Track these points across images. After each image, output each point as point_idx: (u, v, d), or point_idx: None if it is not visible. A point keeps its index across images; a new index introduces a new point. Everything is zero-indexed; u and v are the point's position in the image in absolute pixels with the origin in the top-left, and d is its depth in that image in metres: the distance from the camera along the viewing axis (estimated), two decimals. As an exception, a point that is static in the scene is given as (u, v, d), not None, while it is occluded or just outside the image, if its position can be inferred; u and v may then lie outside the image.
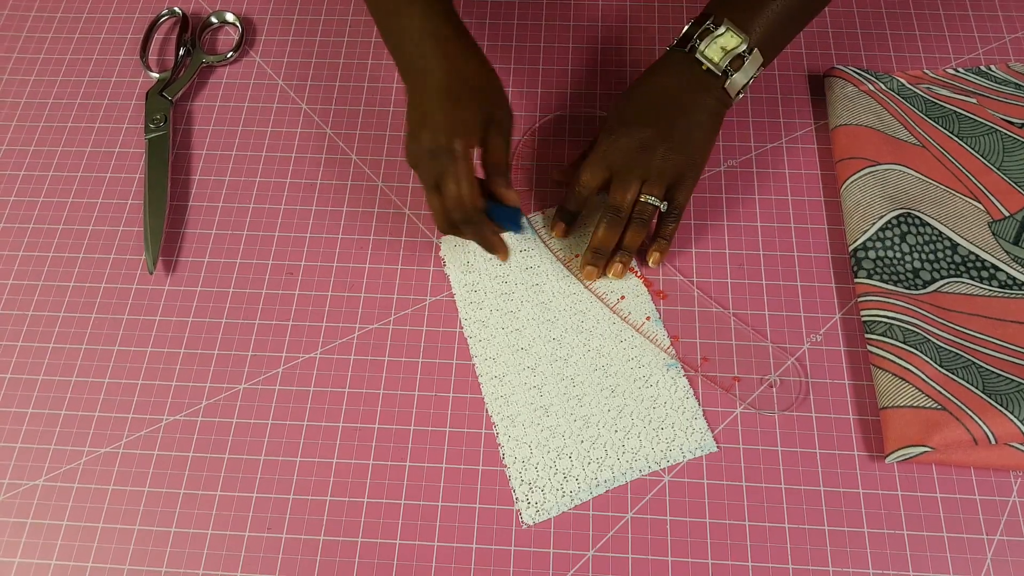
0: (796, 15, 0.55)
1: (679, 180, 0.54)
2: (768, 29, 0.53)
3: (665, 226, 0.55)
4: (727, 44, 0.52)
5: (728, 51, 0.52)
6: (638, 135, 0.53)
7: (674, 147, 0.53)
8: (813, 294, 0.56)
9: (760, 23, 0.53)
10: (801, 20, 0.56)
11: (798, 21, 0.55)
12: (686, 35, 0.54)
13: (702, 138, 0.54)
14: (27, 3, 0.71)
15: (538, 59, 0.66)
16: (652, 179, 0.53)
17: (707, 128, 0.54)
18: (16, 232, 0.60)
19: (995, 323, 0.53)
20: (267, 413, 0.53)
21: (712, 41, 0.53)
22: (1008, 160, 0.58)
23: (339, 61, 0.67)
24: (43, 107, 0.66)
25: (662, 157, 0.53)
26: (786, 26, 0.54)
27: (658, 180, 0.53)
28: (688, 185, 0.54)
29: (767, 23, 0.53)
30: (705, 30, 0.53)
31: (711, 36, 0.53)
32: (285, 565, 0.49)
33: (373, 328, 0.56)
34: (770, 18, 0.53)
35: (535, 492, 0.50)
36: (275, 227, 0.60)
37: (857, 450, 0.51)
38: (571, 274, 0.56)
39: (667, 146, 0.53)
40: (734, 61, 0.53)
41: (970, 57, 0.64)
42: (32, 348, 0.56)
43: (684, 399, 0.52)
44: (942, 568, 0.47)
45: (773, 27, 0.53)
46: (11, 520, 0.51)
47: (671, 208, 0.54)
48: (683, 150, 0.53)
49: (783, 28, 0.54)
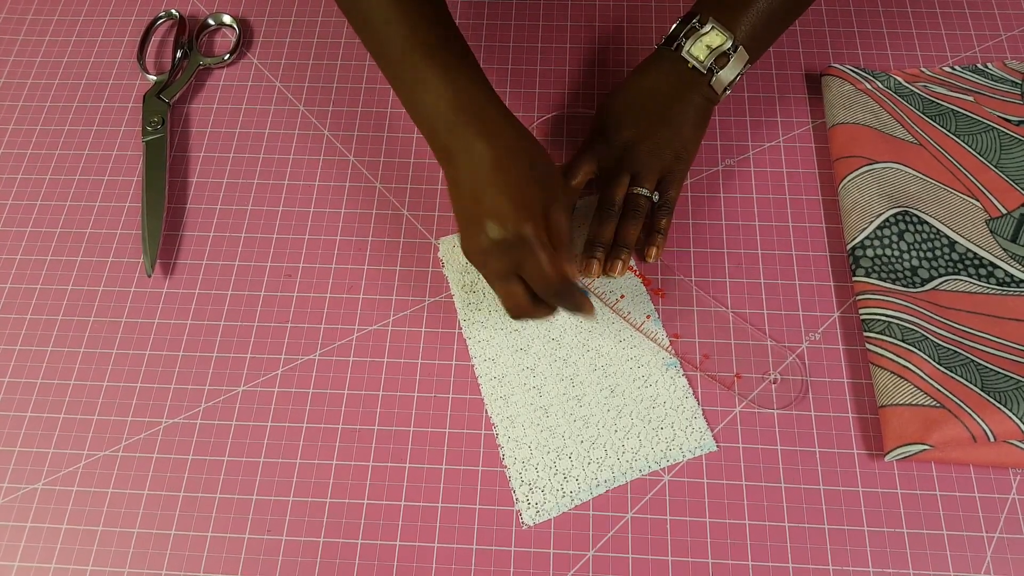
0: (781, 13, 0.55)
1: (668, 174, 0.54)
2: (753, 27, 0.54)
3: (658, 220, 0.55)
4: (712, 42, 0.53)
5: (713, 49, 0.53)
6: (625, 132, 0.54)
7: (661, 142, 0.53)
8: (811, 293, 0.56)
9: (745, 21, 0.53)
10: (786, 18, 0.56)
11: (783, 19, 0.56)
12: (673, 34, 0.55)
13: (690, 133, 0.54)
14: (24, 6, 0.71)
15: (536, 60, 0.66)
16: (641, 173, 0.54)
17: (694, 123, 0.54)
18: (14, 235, 0.60)
19: (993, 321, 0.53)
20: (266, 415, 0.53)
21: (697, 39, 0.53)
22: (1005, 158, 0.58)
23: (336, 63, 0.67)
24: (40, 110, 0.66)
25: (649, 153, 0.53)
26: (771, 24, 0.55)
27: (647, 174, 0.54)
28: (678, 179, 0.55)
29: (752, 21, 0.53)
30: (691, 29, 0.54)
31: (697, 34, 0.53)
32: (285, 567, 0.49)
33: (372, 329, 0.56)
34: (755, 16, 0.53)
35: (535, 493, 0.50)
36: (273, 229, 0.60)
37: (856, 448, 0.51)
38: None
39: (654, 141, 0.53)
40: (719, 59, 0.53)
41: (967, 55, 0.65)
42: (31, 351, 0.56)
43: (683, 399, 0.52)
44: (942, 566, 0.47)
45: (758, 25, 0.54)
46: (10, 524, 0.51)
47: (663, 202, 0.55)
48: (670, 145, 0.54)
49: (768, 26, 0.55)
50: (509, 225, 0.44)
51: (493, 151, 0.45)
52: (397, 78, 0.49)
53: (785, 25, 0.57)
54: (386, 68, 0.50)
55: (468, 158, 0.46)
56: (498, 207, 0.44)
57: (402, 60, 0.48)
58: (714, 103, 0.56)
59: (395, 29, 0.48)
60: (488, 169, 0.45)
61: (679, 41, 0.54)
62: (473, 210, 0.45)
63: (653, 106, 0.54)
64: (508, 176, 0.45)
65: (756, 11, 0.53)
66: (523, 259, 0.45)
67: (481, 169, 0.45)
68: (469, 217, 0.46)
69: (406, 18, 0.48)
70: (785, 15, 0.56)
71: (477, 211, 0.45)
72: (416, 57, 0.47)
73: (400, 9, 0.48)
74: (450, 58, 0.48)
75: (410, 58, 0.47)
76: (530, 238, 0.44)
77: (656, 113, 0.54)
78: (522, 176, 0.45)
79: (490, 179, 0.45)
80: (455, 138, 0.46)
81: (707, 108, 0.55)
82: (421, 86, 0.47)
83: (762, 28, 0.54)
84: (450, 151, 0.47)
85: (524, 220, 0.44)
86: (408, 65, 0.47)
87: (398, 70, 0.48)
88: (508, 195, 0.44)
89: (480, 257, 0.46)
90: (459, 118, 0.46)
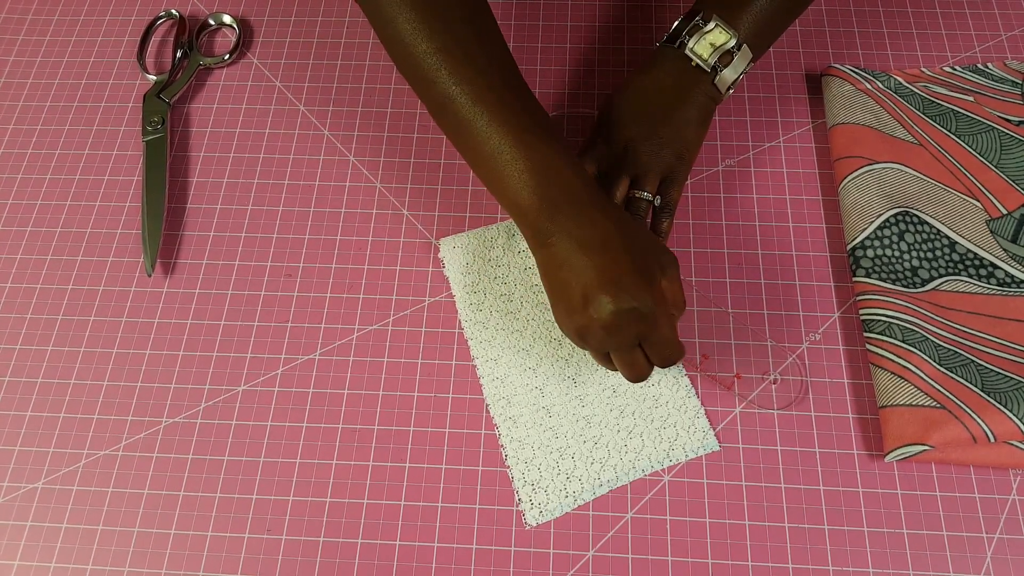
0: (783, 10, 0.55)
1: (670, 176, 0.54)
2: (757, 25, 0.53)
3: (660, 222, 0.55)
4: (716, 40, 0.52)
5: (717, 47, 0.52)
6: (627, 132, 0.53)
7: (663, 143, 0.53)
8: (811, 293, 0.56)
9: (749, 18, 0.53)
10: (788, 16, 0.56)
11: (785, 16, 0.55)
12: (675, 31, 0.55)
13: (692, 134, 0.54)
14: (24, 6, 0.71)
15: (536, 59, 0.66)
16: (642, 175, 0.53)
17: (696, 123, 0.54)
18: (14, 235, 0.60)
19: (994, 321, 0.53)
20: (266, 415, 0.53)
21: (701, 37, 0.53)
22: (1006, 158, 0.58)
23: (336, 62, 0.67)
24: (40, 110, 0.66)
25: (650, 153, 0.53)
26: (775, 21, 0.55)
27: (648, 176, 0.53)
28: (679, 180, 0.54)
29: (755, 18, 0.53)
30: (694, 26, 0.53)
31: (700, 32, 0.53)
32: (285, 567, 0.49)
33: (372, 329, 0.56)
34: (758, 13, 0.53)
35: (538, 493, 0.50)
36: (273, 228, 0.60)
37: (856, 449, 0.51)
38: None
39: (656, 142, 0.53)
40: (723, 57, 0.53)
41: (967, 55, 0.65)
42: (31, 351, 0.56)
43: (686, 398, 0.52)
44: (942, 566, 0.47)
45: (762, 22, 0.53)
46: (10, 523, 0.51)
47: (664, 204, 0.54)
48: (672, 145, 0.53)
49: (772, 23, 0.54)
50: (635, 296, 0.43)
51: (595, 229, 0.44)
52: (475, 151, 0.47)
53: (787, 23, 0.56)
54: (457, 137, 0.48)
55: (567, 239, 0.45)
56: (619, 279, 0.43)
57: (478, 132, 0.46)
58: (717, 102, 0.55)
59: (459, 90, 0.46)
60: (599, 246, 0.44)
61: (682, 39, 0.54)
62: (587, 285, 0.44)
63: (654, 105, 0.53)
64: (619, 250, 0.44)
65: (759, 8, 0.53)
66: (648, 329, 0.44)
67: (590, 246, 0.44)
68: (580, 293, 0.44)
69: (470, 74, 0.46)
70: (787, 13, 0.55)
71: (591, 285, 0.44)
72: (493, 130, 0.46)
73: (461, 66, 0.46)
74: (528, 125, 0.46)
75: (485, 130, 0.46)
76: (654, 308, 0.44)
77: (657, 113, 0.53)
78: (635, 247, 0.45)
79: (601, 254, 0.44)
80: (551, 223, 0.45)
81: (709, 107, 0.55)
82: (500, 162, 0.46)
83: (765, 25, 0.54)
84: (544, 234, 0.45)
85: (647, 290, 0.43)
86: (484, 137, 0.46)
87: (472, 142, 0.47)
88: (629, 267, 0.44)
89: (601, 332, 0.44)
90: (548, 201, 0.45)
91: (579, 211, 0.45)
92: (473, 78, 0.46)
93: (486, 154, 0.46)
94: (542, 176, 0.45)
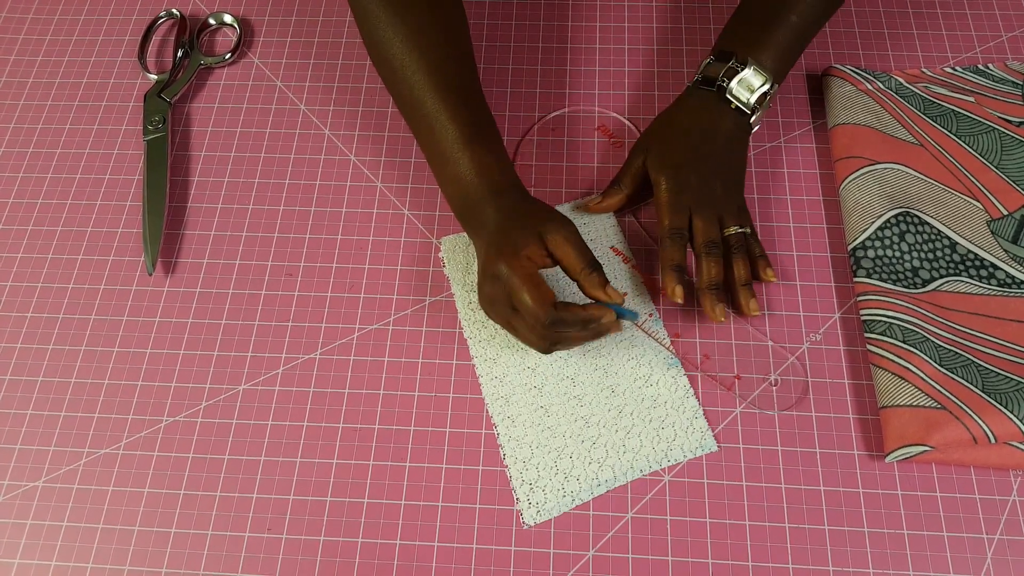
0: (805, 39, 0.58)
1: (740, 209, 0.55)
2: (784, 63, 0.57)
3: (754, 247, 0.55)
4: (753, 84, 0.55)
5: (755, 90, 0.55)
6: (696, 174, 0.55)
7: (729, 183, 0.55)
8: (812, 293, 0.56)
9: (778, 57, 0.56)
10: (808, 42, 0.59)
11: (805, 43, 0.59)
12: (709, 73, 0.57)
13: (741, 167, 0.57)
14: (25, 5, 0.71)
15: (536, 59, 0.66)
16: (725, 211, 0.54)
17: (743, 157, 0.57)
18: (15, 234, 0.60)
19: (994, 322, 0.53)
20: (267, 414, 0.53)
21: (739, 80, 0.55)
22: (1006, 159, 0.58)
23: (337, 62, 0.67)
24: (41, 109, 0.66)
25: (725, 190, 0.55)
26: (797, 51, 0.58)
27: (731, 212, 0.54)
28: (746, 211, 0.56)
29: (784, 55, 0.57)
30: (731, 69, 0.56)
31: (738, 77, 0.55)
32: (285, 566, 0.49)
33: (373, 328, 0.56)
34: (785, 51, 0.57)
35: (536, 492, 0.50)
36: (274, 228, 0.60)
37: (857, 449, 0.51)
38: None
39: (722, 180, 0.55)
40: (760, 99, 0.56)
41: (968, 56, 0.65)
42: (32, 349, 0.56)
43: (684, 398, 0.52)
44: (942, 567, 0.47)
45: (789, 58, 0.57)
46: (11, 521, 0.51)
47: (752, 231, 0.56)
48: (735, 181, 0.56)
49: (795, 54, 0.58)
50: (492, 267, 0.48)
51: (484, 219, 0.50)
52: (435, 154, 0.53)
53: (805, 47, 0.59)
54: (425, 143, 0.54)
55: (473, 235, 0.52)
56: (486, 258, 0.49)
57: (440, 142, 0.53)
58: (749, 134, 0.58)
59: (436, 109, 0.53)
60: (484, 236, 0.50)
61: (720, 81, 0.56)
62: (480, 271, 0.50)
63: (711, 146, 0.55)
64: (493, 232, 0.49)
65: (785, 46, 0.56)
66: (507, 294, 0.48)
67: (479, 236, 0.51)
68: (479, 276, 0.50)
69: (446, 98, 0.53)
70: (808, 39, 0.58)
71: (482, 272, 0.50)
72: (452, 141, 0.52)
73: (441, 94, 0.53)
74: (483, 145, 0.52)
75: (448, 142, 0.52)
76: (509, 273, 0.47)
77: (715, 154, 0.55)
78: (511, 225, 0.49)
79: (485, 243, 0.50)
80: (473, 214, 0.51)
81: (747, 141, 0.58)
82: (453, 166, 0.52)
83: (789, 61, 0.58)
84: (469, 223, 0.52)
85: (504, 260, 0.47)
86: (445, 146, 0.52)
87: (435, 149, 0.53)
88: (496, 245, 0.49)
89: (485, 304, 0.50)
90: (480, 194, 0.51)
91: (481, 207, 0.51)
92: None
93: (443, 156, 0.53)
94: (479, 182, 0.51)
